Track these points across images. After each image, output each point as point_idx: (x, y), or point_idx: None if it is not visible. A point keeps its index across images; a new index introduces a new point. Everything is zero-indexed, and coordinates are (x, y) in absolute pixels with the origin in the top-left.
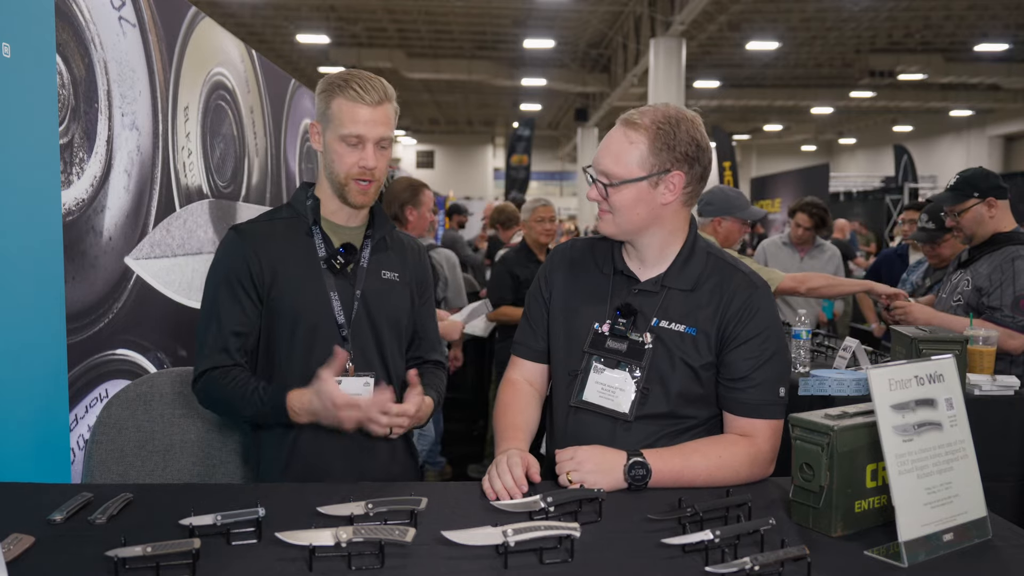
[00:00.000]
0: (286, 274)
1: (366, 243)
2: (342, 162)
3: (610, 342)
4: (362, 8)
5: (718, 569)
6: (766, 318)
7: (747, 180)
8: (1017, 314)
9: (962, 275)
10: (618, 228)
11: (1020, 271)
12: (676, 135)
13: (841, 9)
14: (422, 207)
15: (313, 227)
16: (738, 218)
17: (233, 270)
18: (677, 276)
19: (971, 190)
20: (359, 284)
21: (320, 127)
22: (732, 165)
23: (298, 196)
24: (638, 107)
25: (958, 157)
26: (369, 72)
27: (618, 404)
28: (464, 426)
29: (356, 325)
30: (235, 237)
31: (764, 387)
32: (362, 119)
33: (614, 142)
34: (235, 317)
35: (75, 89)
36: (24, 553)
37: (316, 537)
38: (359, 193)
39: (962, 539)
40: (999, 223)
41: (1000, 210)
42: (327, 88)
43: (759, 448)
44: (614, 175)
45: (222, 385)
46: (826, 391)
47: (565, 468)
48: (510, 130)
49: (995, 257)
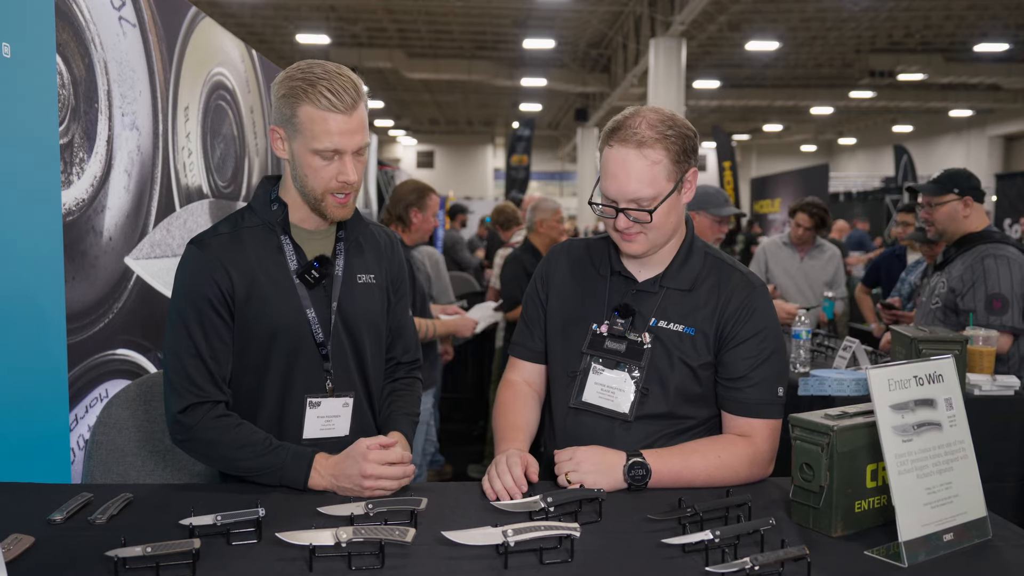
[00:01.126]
0: (258, 290)
1: (339, 247)
2: (317, 177)
3: (609, 343)
4: (362, 8)
5: (718, 569)
6: (764, 317)
7: (747, 180)
8: (991, 315)
9: (939, 277)
10: (652, 245)
11: (991, 270)
12: (681, 134)
13: (841, 9)
14: (427, 211)
15: (283, 238)
16: (712, 214)
17: (201, 291)
18: (675, 276)
19: (952, 185)
20: (335, 295)
21: (283, 133)
22: (732, 165)
23: (260, 199)
24: (621, 120)
25: (958, 157)
26: (331, 63)
27: (617, 404)
28: (464, 426)
29: (335, 341)
30: (198, 253)
31: (762, 386)
32: (337, 130)
33: (636, 168)
34: (213, 343)
35: (75, 89)
36: (24, 553)
37: (316, 537)
38: (338, 207)
39: (962, 539)
40: (971, 223)
41: (975, 211)
42: (290, 93)
43: (758, 448)
44: (650, 199)
45: (222, 427)
46: (826, 391)
47: (564, 469)
48: (510, 130)
49: (967, 257)
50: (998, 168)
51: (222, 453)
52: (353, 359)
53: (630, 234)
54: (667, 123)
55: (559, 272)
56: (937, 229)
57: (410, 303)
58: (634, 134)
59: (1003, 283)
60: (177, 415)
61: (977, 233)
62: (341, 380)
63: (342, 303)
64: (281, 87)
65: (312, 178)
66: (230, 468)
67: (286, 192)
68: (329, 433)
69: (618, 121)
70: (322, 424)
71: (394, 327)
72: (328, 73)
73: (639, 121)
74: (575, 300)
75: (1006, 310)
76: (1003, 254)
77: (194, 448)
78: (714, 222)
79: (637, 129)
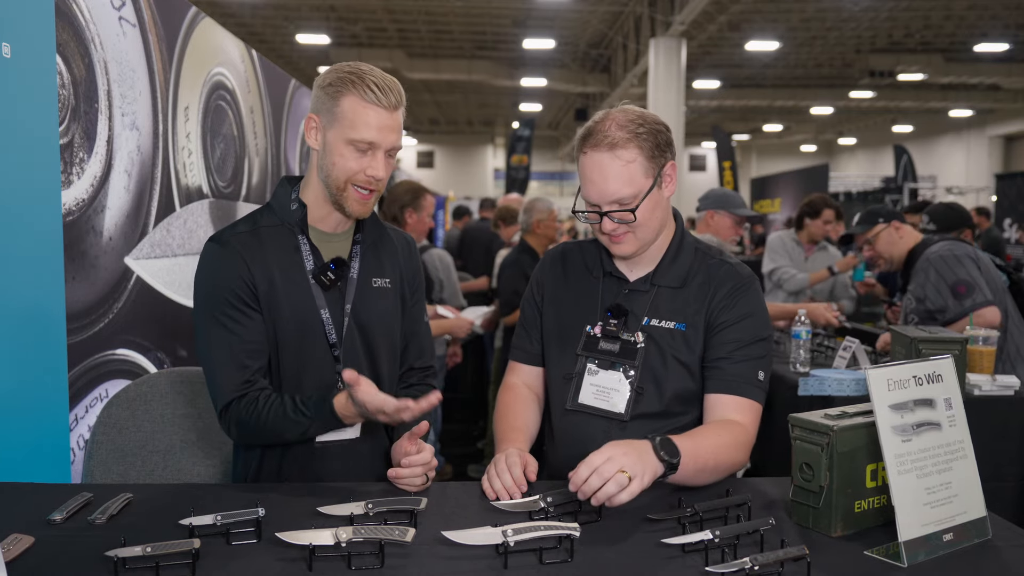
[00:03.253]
0: (275, 289)
1: (355, 250)
2: (345, 165)
3: (603, 343)
4: (362, 8)
5: (718, 569)
6: (750, 304)
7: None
8: (963, 300)
9: (907, 297)
10: (641, 243)
11: (939, 265)
12: (652, 130)
13: (841, 9)
14: (422, 211)
15: (300, 238)
16: (732, 214)
17: (226, 286)
18: (666, 273)
19: (876, 218)
20: (349, 298)
21: (320, 123)
22: (732, 165)
23: (280, 199)
24: (592, 126)
25: (958, 157)
26: (380, 69)
27: (613, 405)
28: (464, 426)
29: (348, 343)
30: (219, 250)
31: (744, 365)
32: (376, 124)
33: (612, 170)
34: (243, 337)
35: (75, 89)
36: (24, 553)
37: (316, 537)
38: (358, 202)
39: (962, 539)
40: (908, 241)
41: (905, 230)
42: (337, 82)
43: (747, 432)
44: (631, 197)
45: (255, 413)
46: (826, 391)
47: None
48: (510, 130)
49: (918, 266)
50: (998, 168)
51: (267, 436)
52: (366, 362)
53: (618, 235)
54: (636, 121)
55: (553, 276)
56: (885, 259)
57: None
58: (605, 137)
59: (957, 270)
60: (221, 415)
61: (918, 244)
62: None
63: (356, 306)
64: (328, 76)
65: (339, 165)
66: (283, 442)
67: (307, 192)
68: (341, 436)
69: (588, 128)
70: None
71: (408, 331)
72: (375, 72)
73: (608, 124)
74: (569, 303)
75: (973, 289)
76: (943, 251)
77: (247, 440)
78: (734, 222)
79: (607, 132)
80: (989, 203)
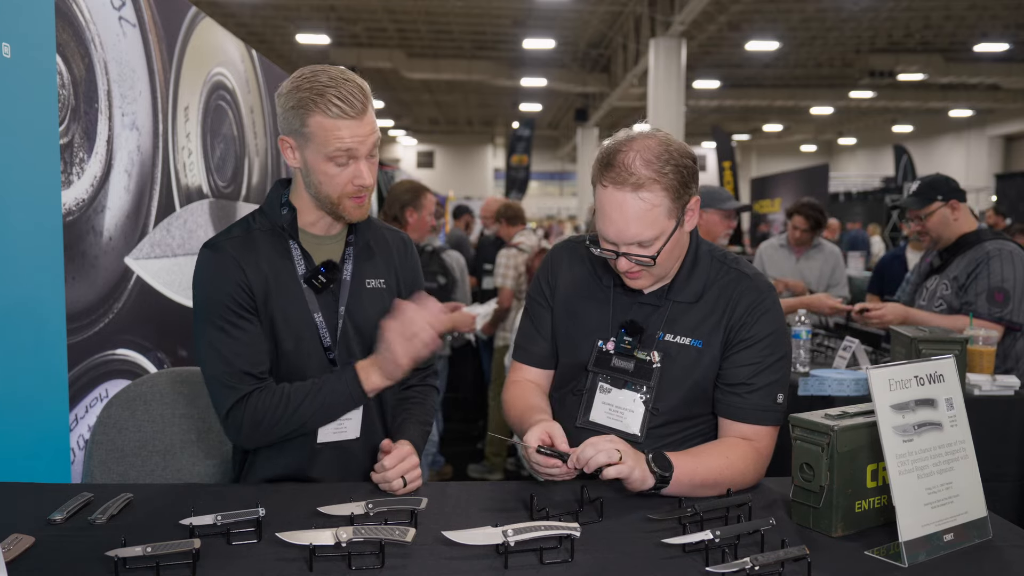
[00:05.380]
0: (269, 293)
1: (347, 252)
2: (332, 183)
3: (616, 361)
4: (362, 8)
5: (718, 569)
6: (772, 322)
7: (747, 180)
8: (992, 306)
9: (939, 280)
10: (656, 278)
11: (995, 265)
12: (679, 167)
13: (841, 9)
14: (423, 210)
15: (291, 242)
16: (719, 210)
17: (225, 292)
18: (683, 288)
19: (934, 193)
20: (343, 300)
21: (294, 143)
22: (732, 165)
23: (272, 202)
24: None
25: (958, 157)
26: (334, 68)
27: (627, 425)
28: (464, 426)
29: (342, 346)
30: (213, 256)
31: (763, 392)
32: (349, 135)
33: (634, 212)
34: (242, 341)
35: (75, 89)
36: (24, 553)
37: (316, 537)
38: (356, 208)
39: (962, 539)
40: (962, 225)
41: (963, 212)
42: (299, 104)
43: (760, 452)
44: (651, 240)
45: (271, 405)
46: (826, 391)
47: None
48: (510, 130)
49: (968, 256)
50: (998, 168)
51: (283, 426)
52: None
53: (634, 272)
54: (663, 158)
55: (563, 275)
56: (932, 237)
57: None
58: (629, 176)
59: (1006, 277)
60: (224, 420)
61: (973, 233)
62: None
63: (350, 308)
64: (289, 99)
65: (327, 184)
66: (296, 433)
67: (297, 196)
68: (340, 436)
69: (610, 154)
70: (333, 427)
71: None
72: (334, 80)
73: (632, 157)
74: (578, 311)
75: (1008, 303)
76: (1007, 249)
77: (256, 439)
78: (723, 217)
79: (632, 169)
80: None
